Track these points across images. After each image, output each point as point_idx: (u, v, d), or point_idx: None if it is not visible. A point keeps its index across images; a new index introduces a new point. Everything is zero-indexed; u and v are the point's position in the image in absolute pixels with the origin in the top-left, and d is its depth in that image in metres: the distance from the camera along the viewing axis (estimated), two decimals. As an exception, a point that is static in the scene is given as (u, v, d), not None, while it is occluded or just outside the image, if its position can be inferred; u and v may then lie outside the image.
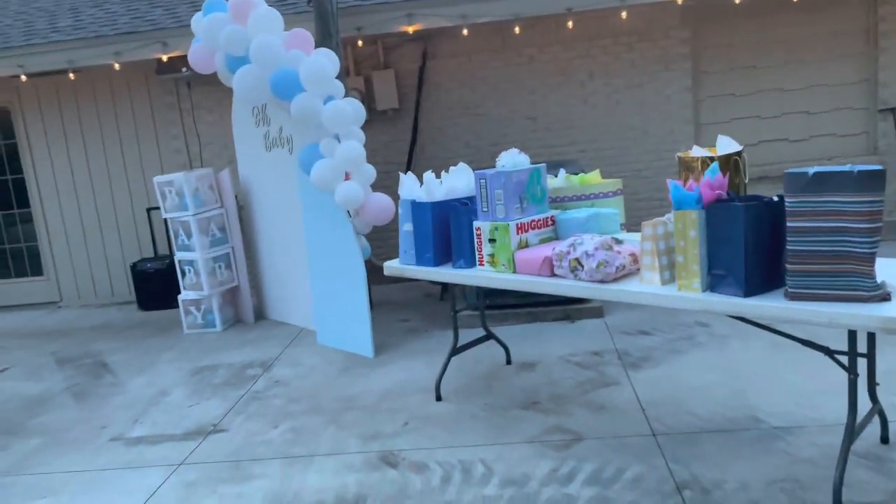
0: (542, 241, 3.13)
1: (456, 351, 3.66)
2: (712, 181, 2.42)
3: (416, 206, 3.34)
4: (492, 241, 3.07)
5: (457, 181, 3.39)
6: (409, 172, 3.48)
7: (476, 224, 3.12)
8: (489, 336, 3.89)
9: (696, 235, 2.37)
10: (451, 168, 3.50)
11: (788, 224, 2.17)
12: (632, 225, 6.09)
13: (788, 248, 2.18)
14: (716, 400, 3.22)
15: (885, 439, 2.64)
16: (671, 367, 3.68)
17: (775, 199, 2.31)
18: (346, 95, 5.99)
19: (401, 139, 6.28)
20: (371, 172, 4.27)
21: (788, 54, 5.88)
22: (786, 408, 3.05)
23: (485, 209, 3.11)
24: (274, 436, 3.37)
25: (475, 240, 3.14)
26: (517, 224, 3.02)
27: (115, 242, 6.77)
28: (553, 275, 2.87)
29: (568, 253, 2.77)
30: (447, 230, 3.29)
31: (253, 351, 4.81)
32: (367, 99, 6.17)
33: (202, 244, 5.33)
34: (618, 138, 6.04)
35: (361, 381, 3.99)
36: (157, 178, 5.36)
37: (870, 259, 2.06)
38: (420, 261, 3.38)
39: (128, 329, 5.80)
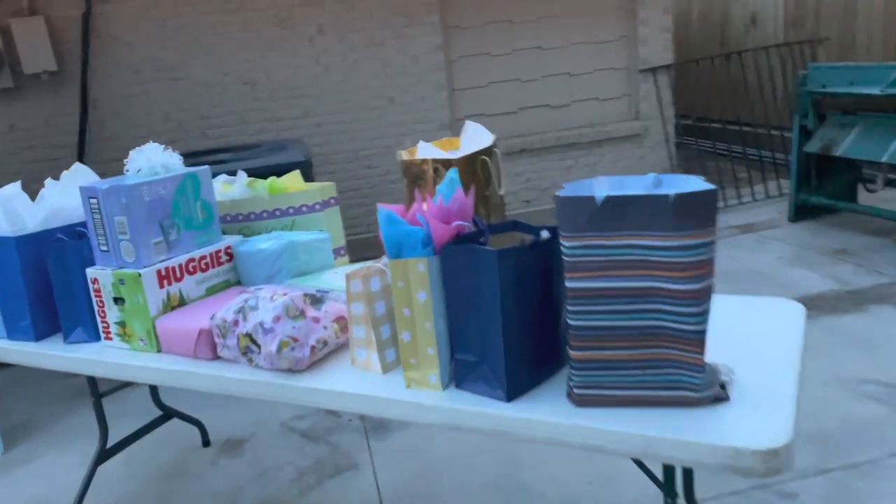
0: (213, 292, 2.02)
1: (106, 454, 2.45)
2: (448, 204, 1.49)
3: (-8, 244, 2.04)
4: (118, 301, 1.89)
5: (66, 197, 2.13)
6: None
7: (91, 272, 1.92)
8: (168, 415, 2.71)
9: (427, 299, 1.44)
10: (64, 174, 2.22)
11: (567, 283, 1.31)
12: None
13: (569, 322, 1.32)
14: (484, 480, 2.40)
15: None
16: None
17: (545, 234, 1.44)
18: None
19: (68, 113, 4.70)
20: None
21: (544, 8, 5.28)
22: (573, 487, 2.31)
23: (104, 247, 1.91)
24: None
25: (94, 297, 1.94)
26: (159, 270, 1.88)
27: None
28: (217, 357, 1.79)
29: (235, 324, 1.70)
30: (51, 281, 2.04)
31: None
32: (9, 58, 4.49)
33: None
34: (360, 108, 5.05)
35: (-33, 506, 2.62)
36: None
37: (697, 341, 1.26)
38: (12, 332, 2.09)
39: None
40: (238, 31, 4.81)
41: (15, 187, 2.06)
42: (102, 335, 1.96)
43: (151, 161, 1.97)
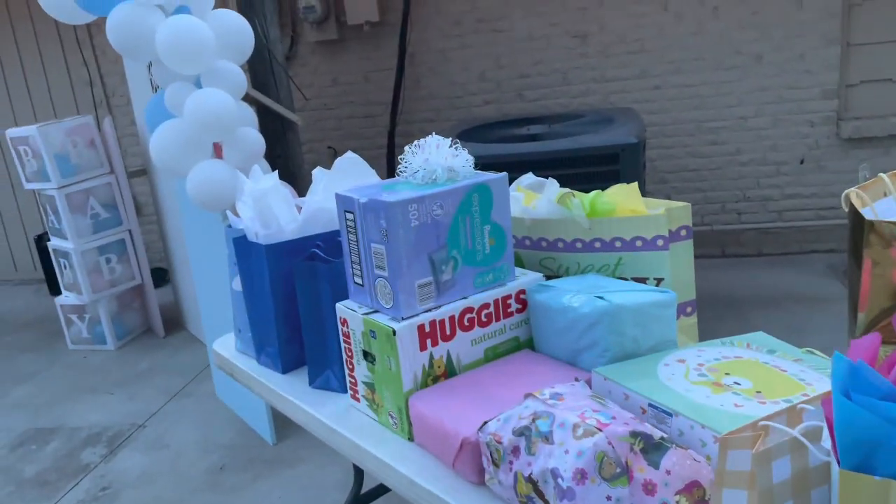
0: (495, 356, 1.43)
1: (361, 501, 2.07)
2: None
3: (244, 249, 1.69)
4: (368, 356, 1.40)
5: (332, 196, 1.69)
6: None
7: (341, 310, 1.44)
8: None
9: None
10: (338, 160, 1.78)
11: None
12: (721, 235, 4.23)
13: None
14: None
15: None
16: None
17: None
18: (305, 3, 4.31)
19: (387, 68, 4.52)
20: (256, 143, 2.60)
21: None
22: None
23: (358, 279, 1.42)
24: None
25: (342, 341, 1.47)
26: (421, 325, 1.33)
27: (10, 205, 5.42)
28: (483, 482, 1.19)
29: (514, 453, 1.08)
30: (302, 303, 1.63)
31: (121, 401, 3.38)
32: (335, 8, 4.42)
33: (77, 228, 3.87)
34: (713, 67, 4.07)
35: (234, 501, 2.49)
36: (10, 132, 3.88)
37: None
38: (261, 355, 1.75)
39: (11, 333, 4.49)
40: (572, -27, 4.14)
41: (271, 179, 1.68)
42: (350, 391, 1.50)
43: (430, 163, 1.40)
